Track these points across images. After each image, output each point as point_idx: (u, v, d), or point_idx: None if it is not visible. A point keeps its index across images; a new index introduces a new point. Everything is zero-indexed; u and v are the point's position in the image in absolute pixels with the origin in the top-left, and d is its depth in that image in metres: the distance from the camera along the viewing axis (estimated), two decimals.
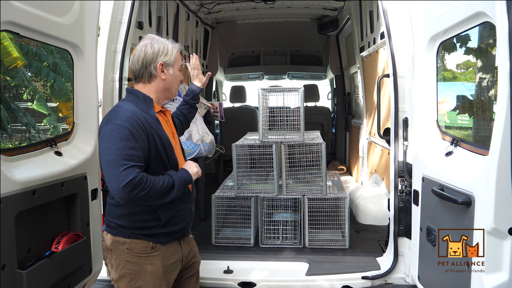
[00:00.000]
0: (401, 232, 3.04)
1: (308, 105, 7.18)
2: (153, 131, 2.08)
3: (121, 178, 1.92)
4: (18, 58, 6.82)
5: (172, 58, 2.20)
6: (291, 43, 7.57)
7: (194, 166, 2.21)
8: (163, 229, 2.16)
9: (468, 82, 3.89)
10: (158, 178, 2.03)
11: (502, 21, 1.75)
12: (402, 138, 2.98)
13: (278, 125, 3.85)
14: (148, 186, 1.95)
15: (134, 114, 2.05)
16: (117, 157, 1.95)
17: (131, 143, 1.98)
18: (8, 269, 1.96)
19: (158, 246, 2.15)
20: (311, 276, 3.17)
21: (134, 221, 2.13)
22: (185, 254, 2.29)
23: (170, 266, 2.20)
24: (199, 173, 2.21)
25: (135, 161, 1.96)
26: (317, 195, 3.71)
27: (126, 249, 2.13)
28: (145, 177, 1.97)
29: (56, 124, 8.21)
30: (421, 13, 2.61)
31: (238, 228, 3.82)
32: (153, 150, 2.07)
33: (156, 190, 1.99)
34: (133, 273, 2.14)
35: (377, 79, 3.67)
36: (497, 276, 1.87)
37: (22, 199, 2.05)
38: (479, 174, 1.99)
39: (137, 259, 2.13)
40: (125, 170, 1.93)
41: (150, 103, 2.17)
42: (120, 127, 1.99)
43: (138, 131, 2.01)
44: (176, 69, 2.23)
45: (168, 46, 2.21)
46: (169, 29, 4.99)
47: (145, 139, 2.03)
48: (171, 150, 2.16)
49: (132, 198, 1.95)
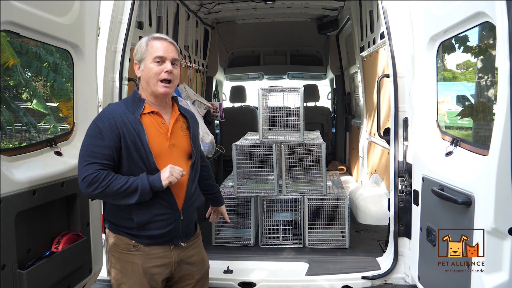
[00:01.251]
0: (401, 232, 3.04)
1: (308, 105, 7.18)
2: (128, 131, 2.06)
3: (81, 173, 2.00)
4: (10, 56, 6.77)
5: (139, 53, 2.18)
6: (291, 43, 7.57)
7: (167, 170, 2.05)
8: (141, 232, 2.14)
9: (468, 82, 3.89)
10: (122, 179, 2.02)
11: (502, 21, 1.75)
12: (402, 138, 2.98)
13: (278, 125, 3.85)
14: (104, 185, 1.98)
15: (112, 113, 2.09)
16: (84, 153, 2.04)
17: (98, 141, 2.04)
18: (8, 269, 1.96)
19: (140, 246, 2.16)
20: (311, 276, 3.17)
21: (117, 218, 2.18)
22: (176, 260, 2.23)
23: (153, 268, 2.17)
24: (170, 178, 2.04)
25: (98, 158, 2.01)
26: (317, 195, 3.71)
27: (113, 244, 2.21)
28: (104, 175, 1.99)
29: (55, 124, 8.19)
30: (421, 13, 2.61)
31: (238, 228, 3.82)
32: (124, 150, 2.07)
33: (113, 190, 2.00)
34: (116, 268, 2.21)
35: (377, 79, 3.67)
36: (497, 276, 1.87)
37: (22, 199, 2.05)
38: (479, 174, 1.98)
39: (120, 255, 2.19)
40: (85, 166, 2.00)
41: (139, 104, 2.16)
42: (93, 124, 2.09)
43: (107, 129, 2.05)
44: (148, 62, 2.15)
45: (141, 42, 2.20)
46: (169, 29, 4.99)
47: (115, 138, 2.05)
48: (147, 153, 2.08)
49: (89, 194, 2.01)
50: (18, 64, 7.32)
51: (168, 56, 2.15)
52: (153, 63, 2.14)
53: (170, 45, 2.19)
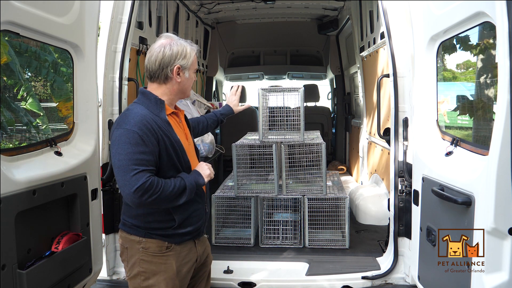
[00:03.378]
0: (401, 232, 3.04)
1: (308, 105, 7.18)
2: (163, 134, 2.07)
3: (132, 183, 1.93)
4: (4, 55, 6.75)
5: (189, 61, 2.18)
6: (291, 43, 7.57)
7: (206, 168, 2.20)
8: (178, 230, 2.17)
9: (468, 82, 3.89)
10: (170, 181, 2.03)
11: (502, 21, 1.75)
12: (402, 138, 2.98)
13: (278, 125, 3.85)
14: (159, 190, 1.96)
15: (144, 118, 2.05)
16: (127, 162, 1.96)
17: (141, 148, 1.98)
18: (8, 269, 1.96)
19: (173, 246, 2.17)
20: (311, 276, 3.17)
21: (149, 222, 2.15)
22: (200, 254, 2.31)
23: (184, 266, 2.21)
24: (211, 175, 2.20)
25: (145, 166, 1.97)
26: (317, 195, 3.71)
27: (142, 248, 2.15)
28: (156, 181, 1.97)
29: (47, 125, 8.16)
30: (421, 13, 2.61)
31: (238, 228, 3.82)
32: (164, 153, 2.07)
33: (167, 193, 2.00)
34: (147, 271, 2.15)
35: (377, 79, 3.67)
36: (497, 276, 1.87)
37: (22, 199, 2.05)
38: (479, 174, 1.98)
39: (152, 258, 2.15)
40: (135, 175, 1.94)
41: (161, 106, 2.15)
42: (129, 131, 2.00)
43: (147, 135, 2.01)
44: (191, 72, 2.22)
45: (187, 48, 2.18)
46: (169, 29, 4.99)
47: (155, 142, 2.03)
48: (182, 153, 2.15)
49: (143, 203, 1.96)
50: (10, 61, 7.27)
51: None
52: (194, 73, 2.26)
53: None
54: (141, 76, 4.03)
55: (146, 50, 4.12)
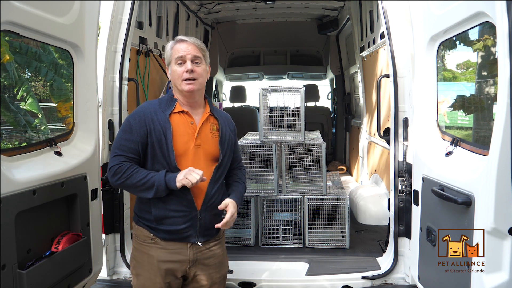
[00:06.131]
0: (401, 232, 3.04)
1: (308, 105, 7.17)
2: (155, 128, 2.17)
3: (110, 164, 2.18)
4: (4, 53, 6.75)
5: (167, 58, 2.29)
6: (291, 43, 7.56)
7: (183, 173, 2.09)
8: (159, 226, 2.23)
9: (468, 82, 3.90)
10: (142, 173, 2.14)
11: (502, 21, 1.75)
12: (402, 138, 2.98)
13: (278, 125, 3.85)
14: (126, 176, 2.12)
15: (144, 110, 2.22)
16: (115, 145, 2.21)
17: (127, 135, 2.18)
18: (8, 269, 1.96)
19: (157, 239, 2.24)
20: (311, 276, 3.17)
21: (140, 210, 2.30)
22: (191, 259, 2.26)
23: (167, 263, 2.23)
24: (183, 181, 2.07)
25: (124, 151, 2.16)
26: (317, 195, 3.71)
27: (134, 235, 2.33)
28: (126, 167, 2.13)
29: (46, 126, 8.16)
30: (421, 13, 2.61)
31: (238, 228, 3.82)
32: (150, 146, 2.19)
33: (133, 182, 2.13)
34: (135, 259, 2.31)
35: (377, 79, 3.67)
36: (497, 276, 1.87)
37: (22, 199, 2.05)
38: (479, 174, 1.98)
39: (139, 246, 2.29)
40: (113, 157, 2.17)
41: (171, 103, 2.26)
42: (126, 119, 2.24)
43: (138, 125, 2.18)
44: (172, 65, 2.25)
45: (168, 46, 2.29)
46: (169, 29, 4.99)
47: (143, 134, 2.17)
48: (169, 151, 2.16)
49: (114, 183, 2.18)
50: (11, 60, 7.27)
51: (188, 56, 2.22)
52: (176, 65, 2.24)
53: (190, 44, 2.24)
54: (141, 76, 4.03)
55: (146, 50, 4.12)
